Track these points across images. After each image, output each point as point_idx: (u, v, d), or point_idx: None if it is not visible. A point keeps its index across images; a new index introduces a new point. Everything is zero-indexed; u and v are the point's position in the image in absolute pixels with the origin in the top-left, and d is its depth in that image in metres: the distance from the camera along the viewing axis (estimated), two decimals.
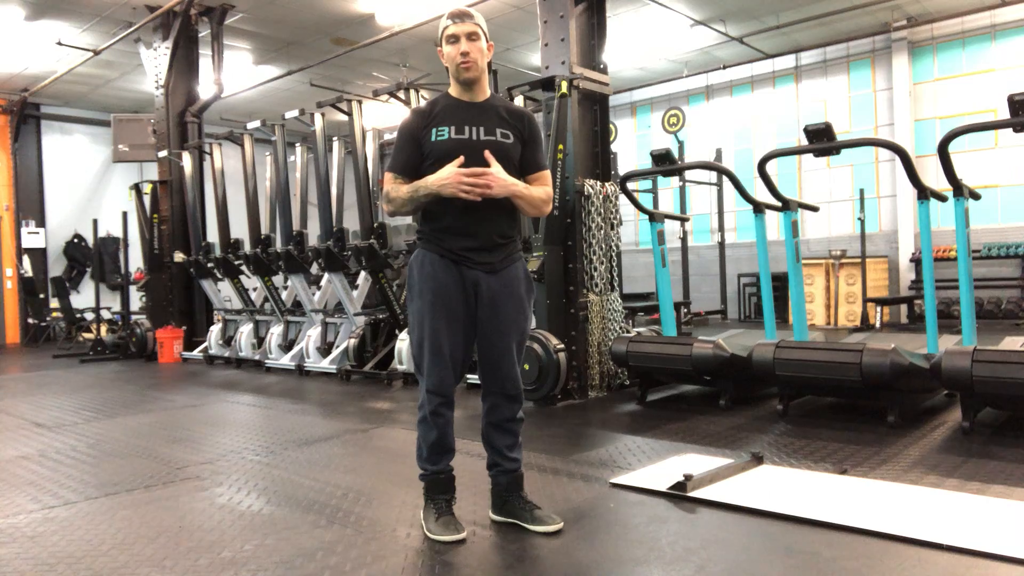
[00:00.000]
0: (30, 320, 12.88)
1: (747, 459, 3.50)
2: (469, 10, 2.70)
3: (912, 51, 11.03)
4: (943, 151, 4.51)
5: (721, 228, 12.27)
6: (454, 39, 2.66)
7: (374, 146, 8.54)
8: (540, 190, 2.74)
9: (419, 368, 2.71)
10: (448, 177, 2.53)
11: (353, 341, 7.37)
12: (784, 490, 3.13)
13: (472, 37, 2.65)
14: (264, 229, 8.67)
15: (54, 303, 12.92)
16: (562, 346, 5.33)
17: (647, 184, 12.06)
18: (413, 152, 2.68)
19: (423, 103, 2.86)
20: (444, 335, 2.64)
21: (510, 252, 2.74)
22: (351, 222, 7.60)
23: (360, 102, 7.43)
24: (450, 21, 2.67)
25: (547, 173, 2.82)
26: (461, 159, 2.56)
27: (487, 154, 2.60)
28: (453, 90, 2.75)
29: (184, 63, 9.84)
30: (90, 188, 14.03)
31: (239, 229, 8.89)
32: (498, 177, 2.57)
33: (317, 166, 7.88)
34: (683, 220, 9.57)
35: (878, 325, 9.95)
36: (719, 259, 12.29)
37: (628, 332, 5.87)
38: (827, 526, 2.69)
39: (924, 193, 4.83)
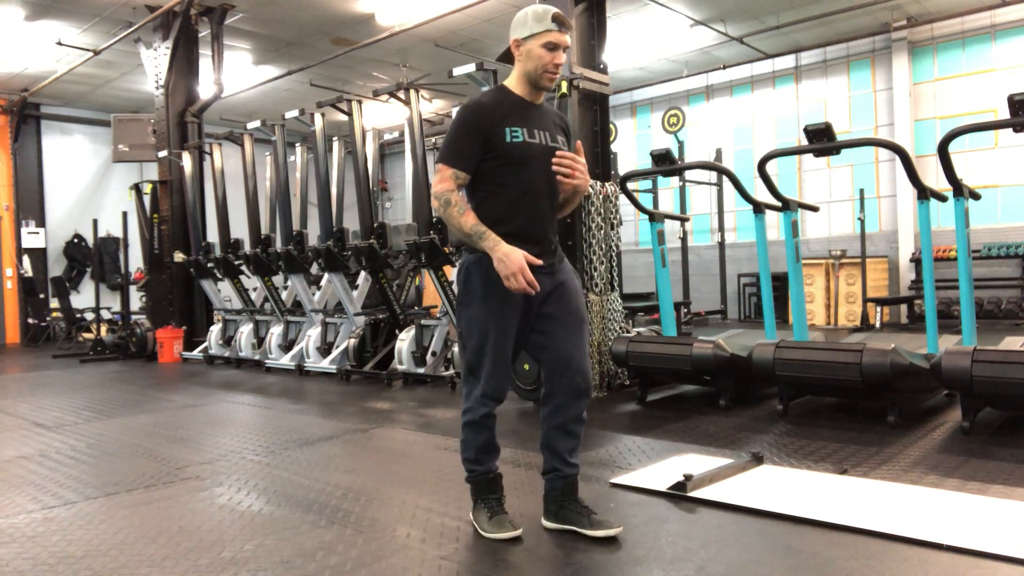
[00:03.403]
0: (30, 320, 12.88)
1: (747, 459, 3.50)
2: (568, 19, 2.63)
3: (912, 51, 11.03)
4: (943, 151, 4.51)
5: (721, 228, 12.27)
6: (552, 47, 2.57)
7: (374, 146, 8.54)
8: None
9: (474, 372, 2.66)
10: (513, 270, 2.44)
11: (353, 341, 7.37)
12: (784, 490, 3.13)
13: (566, 49, 2.62)
14: (264, 229, 8.67)
15: (54, 303, 12.92)
16: None
17: (647, 184, 12.06)
18: (478, 148, 2.57)
19: (485, 95, 2.67)
20: (510, 342, 2.64)
21: (559, 251, 2.76)
22: (351, 222, 7.60)
23: (360, 102, 7.43)
24: (555, 25, 2.56)
25: None
26: (536, 261, 2.50)
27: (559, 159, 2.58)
28: (518, 88, 2.66)
29: (184, 63, 9.84)
30: (90, 188, 14.04)
31: (239, 229, 8.89)
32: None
33: (317, 166, 7.87)
34: (683, 220, 9.57)
35: (878, 325, 9.94)
36: (719, 259, 12.29)
37: (628, 332, 5.87)
38: (827, 526, 2.69)
39: (924, 193, 4.83)
